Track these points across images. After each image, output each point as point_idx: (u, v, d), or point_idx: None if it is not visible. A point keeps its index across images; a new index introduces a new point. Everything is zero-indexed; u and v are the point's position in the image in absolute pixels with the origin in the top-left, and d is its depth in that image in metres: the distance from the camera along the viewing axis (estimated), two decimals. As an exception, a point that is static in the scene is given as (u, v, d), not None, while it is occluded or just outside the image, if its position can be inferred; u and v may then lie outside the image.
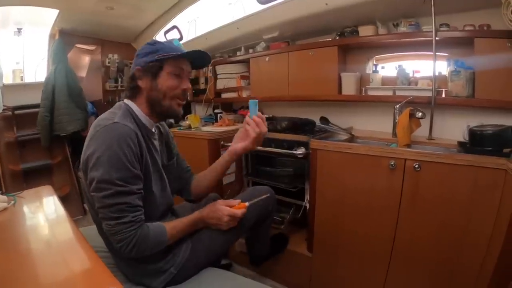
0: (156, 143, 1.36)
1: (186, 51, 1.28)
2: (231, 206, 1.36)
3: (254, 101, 1.39)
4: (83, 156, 1.12)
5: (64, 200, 1.58)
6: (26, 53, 3.84)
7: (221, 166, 1.51)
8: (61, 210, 1.44)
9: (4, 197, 1.46)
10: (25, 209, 1.48)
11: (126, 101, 1.28)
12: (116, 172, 1.06)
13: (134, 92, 1.27)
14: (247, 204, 1.39)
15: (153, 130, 1.34)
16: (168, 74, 1.24)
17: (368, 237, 1.76)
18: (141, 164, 1.17)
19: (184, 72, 1.29)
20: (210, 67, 3.20)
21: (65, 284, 0.89)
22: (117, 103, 1.29)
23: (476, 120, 1.78)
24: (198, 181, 1.58)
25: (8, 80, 3.65)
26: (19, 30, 3.50)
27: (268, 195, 1.54)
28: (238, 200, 1.40)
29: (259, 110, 1.39)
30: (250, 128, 1.38)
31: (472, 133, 1.62)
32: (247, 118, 1.40)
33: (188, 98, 3.33)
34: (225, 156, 1.50)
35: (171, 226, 1.26)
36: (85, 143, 1.14)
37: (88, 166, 1.09)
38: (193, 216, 1.34)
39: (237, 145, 1.45)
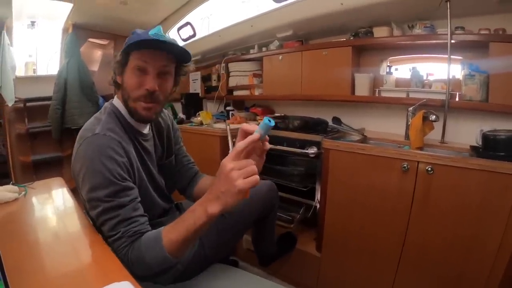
0: (148, 143, 1.26)
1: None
2: None
3: (267, 123, 0.86)
4: (72, 174, 1.07)
5: (73, 193, 1.58)
6: (39, 46, 3.87)
7: None
8: (72, 201, 1.43)
9: (15, 188, 1.45)
10: (36, 200, 1.47)
11: (114, 99, 1.19)
12: (102, 189, 0.98)
13: (117, 89, 1.16)
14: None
15: (143, 130, 1.23)
16: (131, 69, 1.08)
17: (378, 239, 1.76)
18: (130, 173, 1.08)
19: (149, 67, 1.07)
20: (222, 65, 3.20)
21: (76, 276, 0.88)
22: (106, 103, 1.20)
23: (489, 125, 1.77)
24: (202, 182, 1.50)
25: (20, 72, 3.70)
26: (33, 23, 3.52)
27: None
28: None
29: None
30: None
31: (485, 137, 1.61)
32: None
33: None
34: None
35: (167, 230, 0.99)
36: (72, 158, 1.07)
37: (78, 185, 1.04)
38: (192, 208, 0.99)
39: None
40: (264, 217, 1.61)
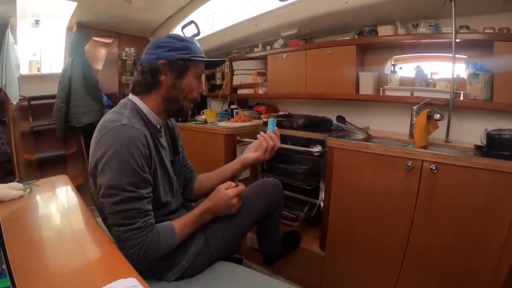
0: (163, 140, 1.34)
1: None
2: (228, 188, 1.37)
3: (272, 119, 1.49)
4: (91, 160, 1.10)
5: (77, 190, 1.58)
6: (43, 45, 3.89)
7: (231, 172, 1.51)
8: (77, 199, 1.45)
9: (20, 185, 1.46)
10: (41, 197, 1.48)
11: (131, 97, 1.24)
12: (125, 177, 1.03)
13: (149, 87, 1.22)
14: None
15: (159, 127, 1.30)
16: (192, 76, 1.24)
17: (382, 238, 1.76)
18: (150, 166, 1.14)
19: (202, 76, 1.32)
20: (227, 63, 3.21)
21: (82, 273, 0.89)
22: (122, 101, 1.25)
23: (494, 124, 1.77)
24: (200, 181, 1.59)
25: (25, 71, 3.72)
26: (37, 22, 3.54)
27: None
28: (230, 182, 1.40)
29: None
30: (263, 140, 1.42)
31: (489, 137, 1.62)
32: (262, 133, 1.45)
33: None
34: (234, 163, 1.51)
35: (181, 224, 1.24)
36: (92, 147, 1.11)
37: (97, 171, 1.07)
38: (200, 208, 1.31)
39: (250, 154, 1.45)
40: (268, 215, 1.61)
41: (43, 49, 3.92)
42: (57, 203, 1.45)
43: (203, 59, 1.25)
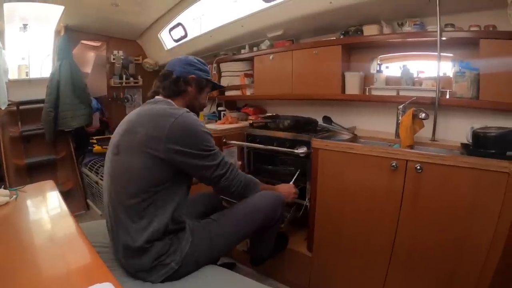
0: None
1: None
2: None
3: None
4: (169, 138, 1.25)
5: (67, 195, 1.58)
6: (31, 49, 3.86)
7: None
8: (62, 205, 1.46)
9: (6, 191, 1.48)
10: (27, 203, 1.49)
11: (164, 98, 1.45)
12: (210, 140, 1.36)
13: (177, 92, 1.47)
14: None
15: None
16: (206, 92, 1.60)
17: (368, 238, 1.75)
18: None
19: None
20: (214, 65, 3.20)
21: (63, 278, 0.91)
22: (160, 98, 1.45)
23: (480, 122, 1.77)
24: None
25: (13, 75, 3.68)
26: (25, 26, 3.51)
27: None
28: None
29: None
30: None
31: (475, 135, 1.60)
32: None
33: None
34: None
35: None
36: (166, 130, 1.25)
37: (184, 143, 1.27)
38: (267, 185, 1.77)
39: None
40: (267, 226, 1.63)
41: (31, 54, 3.89)
42: (43, 209, 1.47)
43: (215, 83, 1.68)
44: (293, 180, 1.95)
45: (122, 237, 1.27)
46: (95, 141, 3.62)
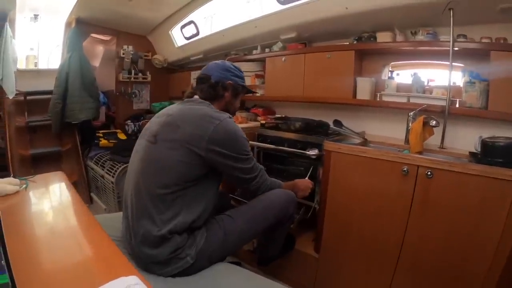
0: None
1: None
2: None
3: None
4: (211, 140, 1.31)
5: (73, 186, 1.57)
6: (41, 40, 3.86)
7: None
8: (73, 195, 1.46)
9: (16, 180, 1.47)
10: (37, 193, 1.48)
11: (203, 100, 1.51)
12: (248, 146, 1.45)
13: (214, 97, 1.53)
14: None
15: None
16: (239, 98, 1.67)
17: (376, 241, 1.77)
18: None
19: None
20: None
21: (81, 269, 0.90)
22: (203, 101, 1.51)
23: (488, 132, 1.80)
24: None
25: (21, 65, 3.68)
26: (36, 16, 3.52)
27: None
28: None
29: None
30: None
31: (484, 144, 1.63)
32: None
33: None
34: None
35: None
36: (209, 131, 1.32)
37: (225, 146, 1.34)
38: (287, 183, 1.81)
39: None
40: (279, 224, 1.64)
41: (40, 44, 3.89)
42: (53, 199, 1.46)
43: (249, 89, 1.79)
44: (307, 176, 2.04)
45: (144, 224, 1.28)
46: (101, 135, 3.63)
